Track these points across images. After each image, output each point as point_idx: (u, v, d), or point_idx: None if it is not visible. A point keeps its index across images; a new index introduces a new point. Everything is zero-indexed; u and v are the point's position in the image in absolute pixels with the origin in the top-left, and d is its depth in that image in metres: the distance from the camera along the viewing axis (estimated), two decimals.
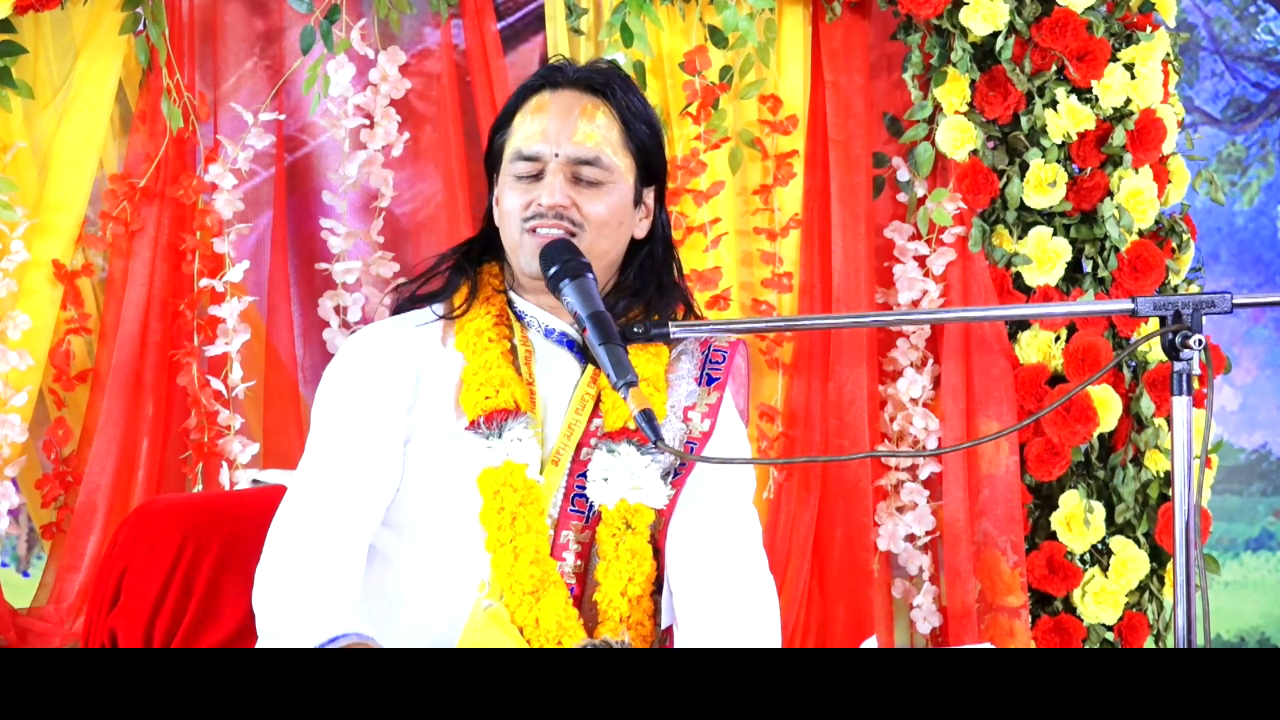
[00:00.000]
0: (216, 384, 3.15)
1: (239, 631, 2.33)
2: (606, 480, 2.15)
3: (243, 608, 2.33)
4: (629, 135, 2.22)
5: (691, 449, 2.20)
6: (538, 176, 2.19)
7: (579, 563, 2.15)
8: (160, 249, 3.19)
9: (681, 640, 2.12)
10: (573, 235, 2.16)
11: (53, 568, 3.16)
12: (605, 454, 2.16)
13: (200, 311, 3.19)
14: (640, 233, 2.26)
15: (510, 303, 2.25)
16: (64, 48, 3.19)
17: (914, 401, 3.29)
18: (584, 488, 2.16)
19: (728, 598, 2.14)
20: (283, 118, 3.26)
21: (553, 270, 2.13)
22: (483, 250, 2.29)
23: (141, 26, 3.16)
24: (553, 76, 2.24)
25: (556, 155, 2.18)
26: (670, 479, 2.19)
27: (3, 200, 3.08)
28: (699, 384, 2.25)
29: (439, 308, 2.24)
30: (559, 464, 2.17)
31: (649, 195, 2.27)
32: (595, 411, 2.20)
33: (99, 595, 2.38)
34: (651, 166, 2.26)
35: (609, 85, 2.23)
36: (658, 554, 2.17)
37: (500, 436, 2.12)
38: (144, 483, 3.15)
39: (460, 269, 2.27)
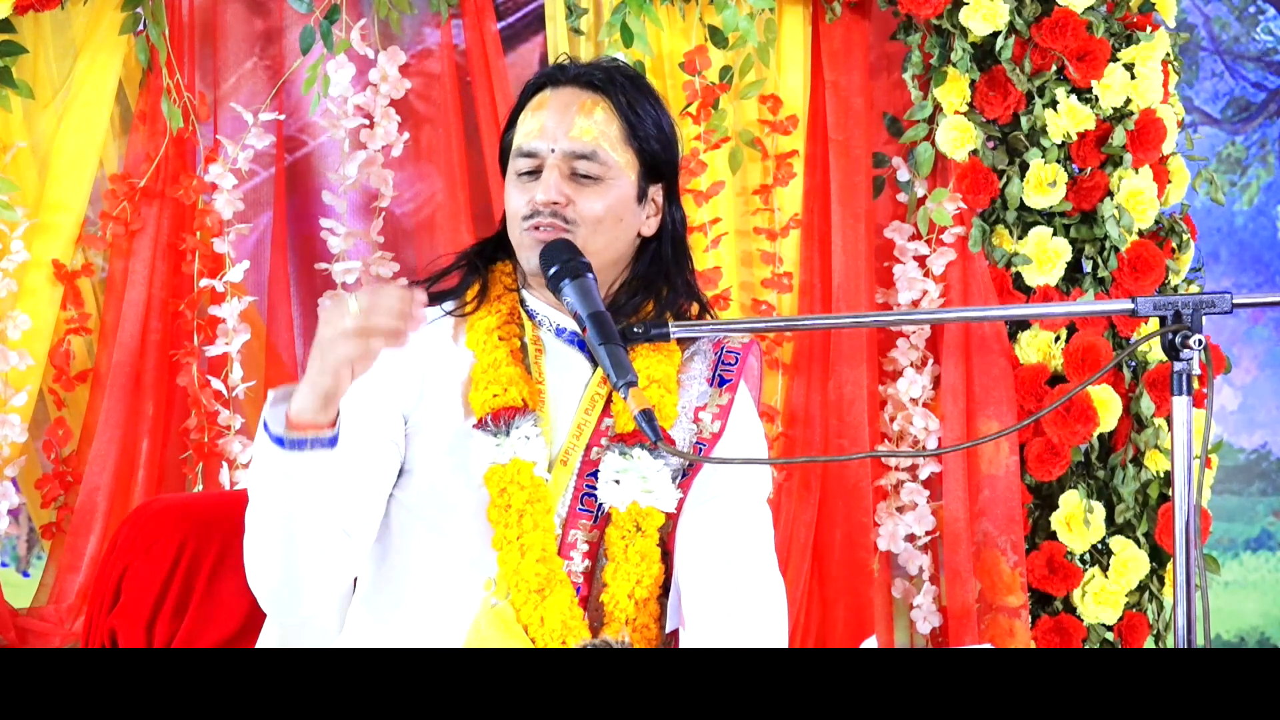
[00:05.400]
0: (217, 384, 3.15)
1: (239, 631, 2.33)
2: (618, 482, 2.14)
3: (243, 608, 2.34)
4: (631, 132, 2.21)
5: (700, 450, 2.20)
6: (536, 173, 2.19)
7: (587, 563, 2.15)
8: (160, 249, 3.19)
9: (687, 642, 2.12)
10: (567, 232, 2.16)
11: (53, 568, 3.16)
12: (618, 456, 2.15)
13: (200, 311, 3.19)
14: (648, 230, 2.25)
15: (522, 301, 2.24)
16: (64, 48, 3.19)
17: (914, 401, 3.29)
18: (594, 488, 2.16)
19: (735, 599, 2.14)
20: (283, 118, 3.26)
21: (553, 270, 2.13)
22: (495, 249, 2.29)
23: (141, 26, 3.17)
24: (555, 75, 2.23)
25: (553, 150, 2.17)
26: (678, 480, 2.18)
27: (3, 200, 3.08)
28: (711, 385, 2.25)
29: (448, 304, 2.24)
30: (568, 464, 2.16)
31: (657, 193, 2.25)
32: (606, 411, 2.19)
33: (99, 595, 2.38)
34: (657, 163, 2.24)
35: (610, 82, 2.21)
36: (666, 557, 2.17)
37: (508, 434, 2.12)
38: (144, 483, 3.15)
39: (473, 267, 2.27)
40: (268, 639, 2.24)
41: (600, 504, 2.15)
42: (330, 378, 1.90)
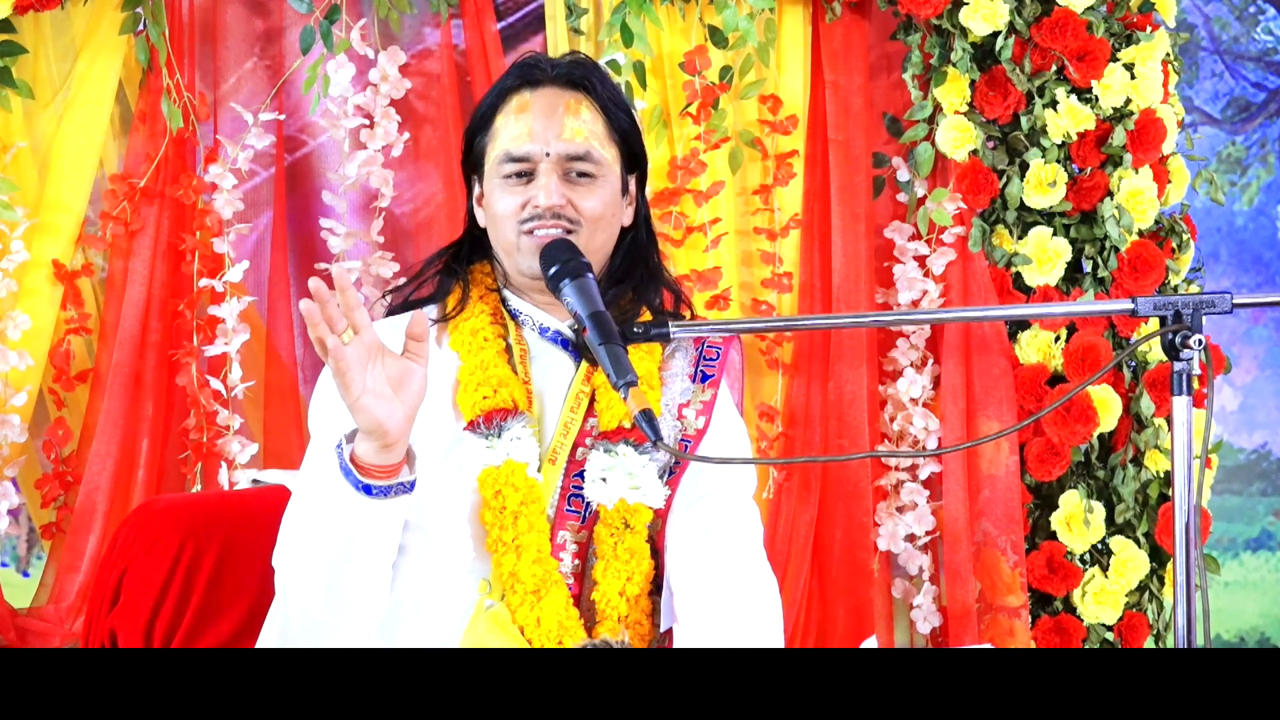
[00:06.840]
0: (216, 384, 3.15)
1: (239, 631, 2.33)
2: (605, 480, 2.15)
3: (243, 608, 2.34)
4: (612, 126, 2.24)
5: (686, 447, 2.20)
6: (529, 177, 2.19)
7: (576, 562, 2.15)
8: (160, 249, 3.19)
9: (681, 639, 2.12)
10: (570, 233, 2.16)
11: (53, 568, 3.16)
12: (603, 454, 2.16)
13: (200, 311, 3.19)
14: (627, 220, 2.28)
15: (504, 301, 2.25)
16: (64, 48, 3.19)
17: (914, 401, 3.29)
18: (580, 487, 2.16)
19: (729, 596, 2.14)
20: (283, 118, 3.26)
21: (553, 270, 2.13)
22: (471, 250, 2.29)
23: (141, 26, 3.16)
24: (530, 75, 2.23)
25: (548, 154, 2.18)
26: (666, 478, 2.18)
27: (3, 200, 3.08)
28: (693, 381, 2.25)
29: (432, 311, 2.24)
30: (555, 463, 2.16)
31: (632, 182, 2.29)
32: (590, 410, 2.20)
33: (99, 595, 2.38)
34: (634, 153, 2.27)
35: (588, 78, 2.24)
36: (655, 553, 2.17)
37: (500, 436, 2.12)
38: (144, 483, 3.15)
39: (451, 271, 2.27)
40: (267, 639, 2.24)
41: (588, 502, 2.16)
42: (346, 393, 1.92)
